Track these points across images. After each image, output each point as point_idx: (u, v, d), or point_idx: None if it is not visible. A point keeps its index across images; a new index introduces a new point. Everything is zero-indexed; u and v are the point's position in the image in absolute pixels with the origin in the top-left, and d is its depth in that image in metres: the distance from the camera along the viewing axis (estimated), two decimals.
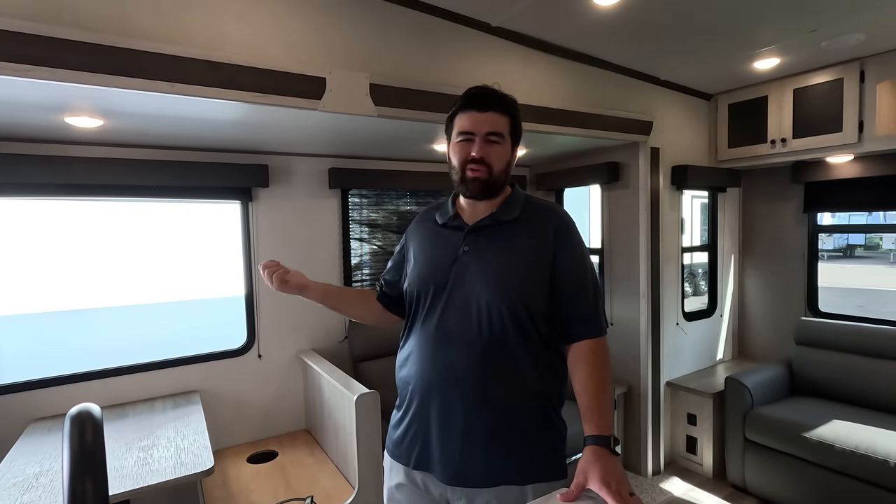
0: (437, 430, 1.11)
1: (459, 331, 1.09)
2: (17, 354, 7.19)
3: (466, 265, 1.12)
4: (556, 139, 2.58)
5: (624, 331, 2.93)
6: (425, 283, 1.16)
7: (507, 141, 1.15)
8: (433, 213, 1.29)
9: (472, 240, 1.15)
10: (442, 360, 1.10)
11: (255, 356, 2.56)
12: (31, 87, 1.40)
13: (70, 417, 0.60)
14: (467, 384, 1.07)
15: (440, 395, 1.10)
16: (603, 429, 1.00)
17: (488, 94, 1.15)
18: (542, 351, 1.11)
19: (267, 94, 1.62)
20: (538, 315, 1.10)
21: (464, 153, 1.13)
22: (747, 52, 2.35)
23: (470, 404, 1.08)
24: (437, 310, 1.13)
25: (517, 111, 1.18)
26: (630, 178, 2.86)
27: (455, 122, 1.17)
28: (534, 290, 1.09)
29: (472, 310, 1.09)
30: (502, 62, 2.19)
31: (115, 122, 1.84)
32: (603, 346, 1.11)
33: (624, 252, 2.93)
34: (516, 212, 1.16)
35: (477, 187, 1.14)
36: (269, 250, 2.57)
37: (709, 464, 2.84)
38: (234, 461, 2.32)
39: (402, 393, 1.21)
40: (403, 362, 1.20)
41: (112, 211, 7.05)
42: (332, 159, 2.72)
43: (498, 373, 1.08)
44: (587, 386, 1.05)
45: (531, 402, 1.10)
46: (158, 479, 1.59)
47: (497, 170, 1.14)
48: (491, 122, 1.12)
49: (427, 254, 1.21)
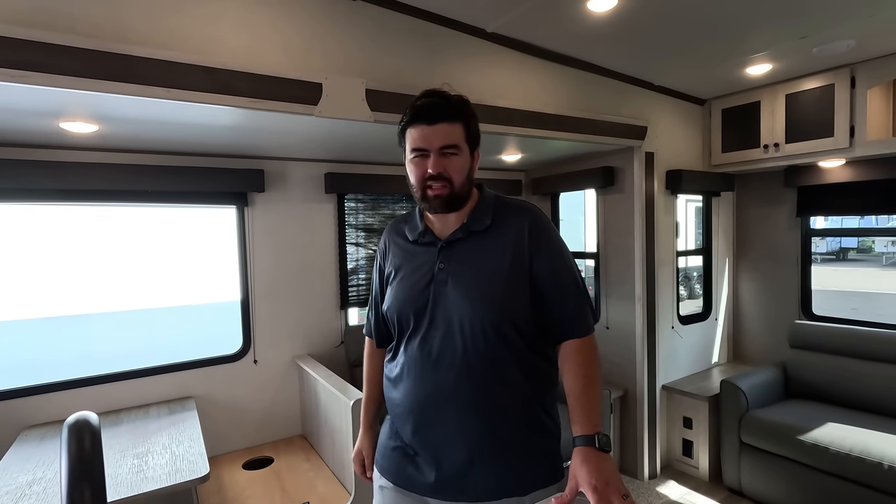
0: (430, 452, 1.09)
1: (444, 352, 1.07)
2: (9, 361, 7.11)
3: (444, 283, 1.09)
4: (552, 144, 2.60)
5: (620, 334, 2.94)
6: (404, 308, 1.13)
7: (463, 149, 1.10)
8: (402, 226, 1.23)
9: (446, 255, 1.12)
10: (430, 381, 1.08)
11: (251, 361, 2.55)
12: (26, 93, 1.39)
13: (68, 425, 0.60)
14: (457, 403, 1.06)
15: (432, 416, 1.08)
16: (587, 428, 0.99)
17: (436, 104, 1.08)
18: (530, 357, 1.09)
19: (263, 99, 1.62)
20: (522, 323, 1.08)
21: (420, 170, 1.09)
22: (740, 57, 2.38)
23: (461, 423, 1.06)
24: (420, 332, 1.10)
25: (470, 113, 1.12)
26: (625, 183, 2.87)
27: (406, 138, 1.11)
28: (515, 300, 1.07)
29: (454, 329, 1.06)
30: (497, 68, 2.21)
31: (111, 128, 1.84)
32: (589, 345, 1.10)
33: (619, 256, 2.94)
34: (488, 219, 1.13)
35: (440, 204, 1.09)
36: (265, 255, 2.57)
37: (705, 467, 2.84)
38: (229, 467, 2.31)
39: (392, 412, 1.19)
40: (393, 384, 1.17)
41: (107, 216, 7.01)
42: (328, 164, 2.72)
43: (487, 388, 1.06)
44: (574, 386, 1.05)
45: (523, 411, 1.08)
46: (153, 486, 1.58)
47: (458, 182, 1.09)
48: (443, 134, 1.07)
49: (402, 274, 1.17)
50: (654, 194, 2.82)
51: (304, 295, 2.69)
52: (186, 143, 2.15)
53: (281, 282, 2.63)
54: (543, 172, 3.38)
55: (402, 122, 1.13)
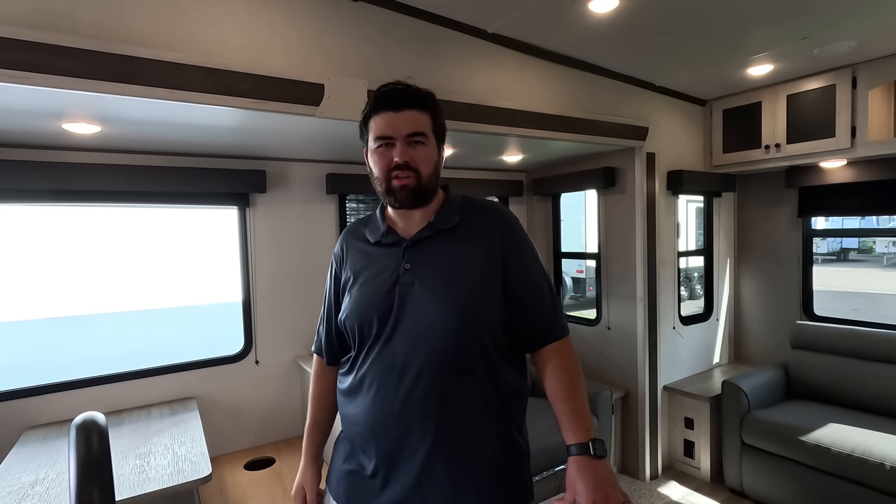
0: (392, 473, 0.99)
1: (411, 361, 0.97)
2: (12, 361, 7.12)
3: (410, 285, 1.01)
4: (553, 145, 2.60)
5: (621, 335, 2.94)
6: (366, 314, 1.02)
7: (431, 140, 1.04)
8: (361, 229, 1.15)
9: (412, 255, 1.03)
10: (394, 396, 0.97)
11: (253, 362, 2.55)
12: (29, 94, 1.40)
13: (76, 426, 0.60)
14: (424, 420, 0.96)
15: (396, 433, 0.98)
16: (582, 435, 0.95)
17: (403, 90, 1.03)
18: (502, 367, 1.02)
19: (265, 100, 1.62)
20: (496, 327, 1.01)
21: (385, 160, 1.01)
22: (741, 58, 2.38)
23: (429, 444, 0.96)
24: (383, 340, 1.00)
25: (437, 107, 1.08)
26: (626, 183, 2.87)
27: (370, 126, 1.04)
28: (489, 303, 1.00)
29: (423, 336, 0.97)
30: (498, 68, 2.21)
31: (113, 129, 1.84)
32: (568, 347, 1.06)
33: (620, 256, 2.94)
34: (456, 217, 1.06)
35: (406, 196, 1.01)
36: (267, 256, 2.57)
37: (706, 468, 2.84)
38: (231, 468, 2.31)
39: (348, 430, 1.08)
40: (348, 398, 1.07)
41: (109, 217, 7.02)
42: (329, 165, 2.72)
43: (458, 403, 0.97)
44: (559, 391, 1.01)
45: (495, 429, 1.01)
46: (156, 486, 1.58)
47: (425, 173, 1.02)
48: (411, 121, 1.01)
49: (363, 279, 1.07)
50: (656, 195, 2.83)
51: (305, 295, 2.69)
52: (188, 143, 2.15)
53: (282, 282, 2.63)
54: (545, 173, 3.38)
55: (364, 111, 1.07)
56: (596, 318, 3.13)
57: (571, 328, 1.11)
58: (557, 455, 2.45)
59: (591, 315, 3.20)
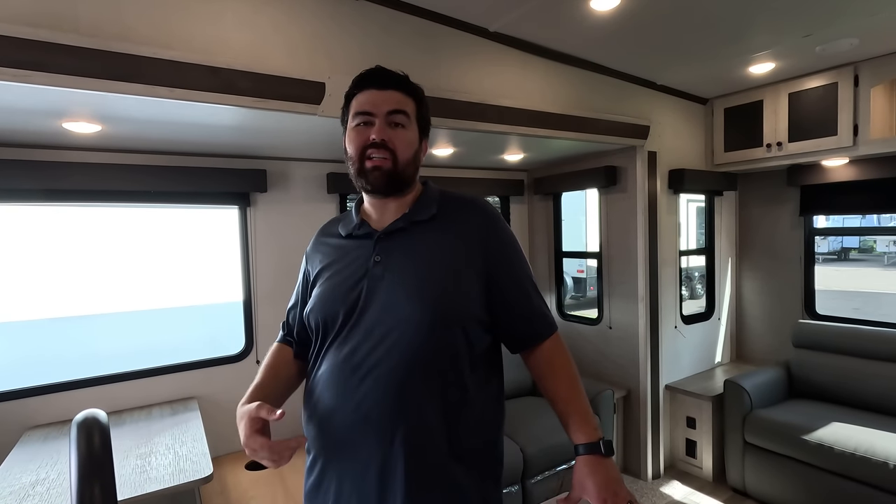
0: (337, 486, 0.92)
1: (374, 361, 0.89)
2: (12, 362, 7.12)
3: (379, 278, 0.94)
4: (554, 143, 2.59)
5: (623, 335, 2.94)
6: (332, 307, 0.95)
7: (412, 125, 0.99)
8: (334, 226, 1.09)
9: (383, 247, 0.97)
10: (351, 399, 0.89)
11: (254, 362, 2.55)
12: (29, 93, 1.39)
13: (77, 423, 0.60)
14: (379, 426, 0.88)
15: (344, 440, 0.91)
16: (591, 434, 0.93)
17: (388, 72, 1.00)
18: (479, 372, 0.96)
19: (267, 98, 1.62)
20: (473, 329, 0.94)
21: (362, 138, 0.95)
22: (743, 56, 2.37)
23: (380, 451, 0.88)
24: (346, 337, 0.93)
25: (423, 97, 1.03)
26: (627, 182, 2.87)
27: (351, 105, 1.00)
28: (465, 301, 0.94)
29: (390, 332, 0.90)
30: (500, 67, 2.20)
31: (114, 128, 1.83)
32: (560, 343, 1.01)
33: (622, 256, 2.94)
34: (433, 209, 1.00)
35: (379, 178, 0.95)
36: (267, 255, 2.56)
37: (708, 467, 2.84)
38: (232, 468, 2.30)
39: (309, 435, 0.99)
40: (308, 398, 1.00)
41: (111, 217, 7.03)
42: (330, 164, 2.72)
43: (420, 409, 0.89)
44: (560, 390, 0.97)
45: (465, 442, 0.92)
46: (157, 486, 1.57)
47: (403, 158, 0.96)
48: (394, 100, 0.96)
49: (331, 272, 1.00)
50: (657, 194, 2.82)
51: None
52: (189, 143, 2.15)
53: (283, 282, 2.62)
54: (545, 172, 3.37)
55: (347, 91, 1.02)
56: (597, 318, 3.12)
57: (573, 328, 1.10)
58: (558, 455, 2.45)
59: (593, 314, 3.19)
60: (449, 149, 2.56)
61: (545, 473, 2.42)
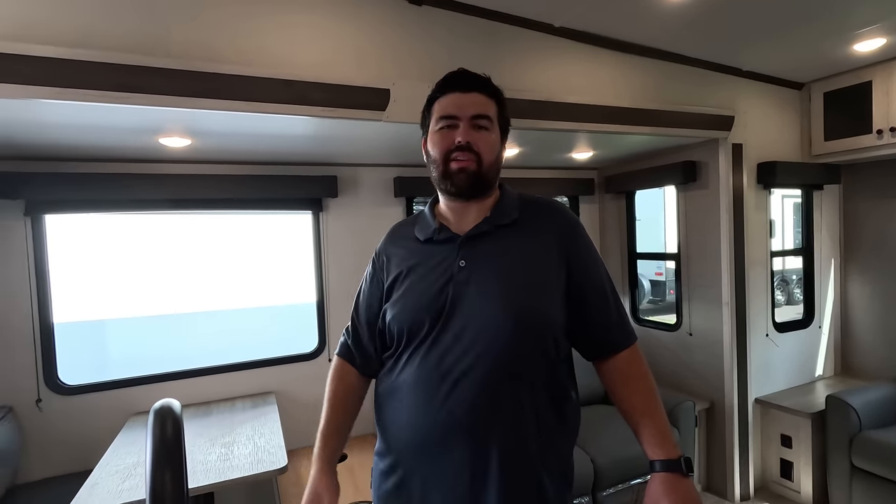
0: (427, 490, 0.92)
1: (464, 368, 0.88)
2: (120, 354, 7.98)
3: (465, 283, 0.93)
4: (627, 140, 2.47)
5: (704, 342, 2.73)
6: (417, 314, 0.94)
7: (495, 128, 0.99)
8: (408, 228, 1.08)
9: (467, 252, 0.96)
10: (442, 406, 0.89)
11: (327, 360, 2.65)
12: (130, 113, 1.55)
13: (153, 411, 0.65)
14: (475, 436, 0.88)
15: (435, 447, 0.90)
16: (670, 451, 0.89)
17: (470, 75, 1.00)
18: (562, 381, 0.96)
19: (335, 107, 1.69)
20: (557, 332, 0.94)
21: (447, 141, 0.96)
22: (845, 33, 2.12)
23: (479, 462, 0.88)
24: (433, 343, 0.92)
25: (504, 98, 1.04)
26: (709, 178, 2.66)
27: (434, 109, 1.00)
28: (551, 306, 0.93)
29: (478, 338, 0.89)
30: (566, 62, 2.13)
31: (201, 141, 2.00)
32: (638, 355, 0.99)
33: (704, 257, 2.73)
34: (514, 213, 0.99)
35: (464, 181, 0.95)
36: (339, 258, 2.67)
37: (808, 491, 2.55)
38: (307, 461, 2.41)
39: (385, 440, 1.00)
40: (386, 401, 1.00)
41: (197, 223, 7.73)
42: (397, 168, 2.78)
43: (510, 415, 0.89)
44: (636, 404, 0.94)
45: (548, 448, 0.92)
46: (238, 474, 1.69)
47: (487, 161, 0.96)
48: (477, 103, 0.97)
49: (413, 278, 0.99)
50: (744, 189, 2.59)
51: None
52: (267, 153, 2.29)
53: (354, 283, 2.68)
54: (617, 170, 3.22)
55: (429, 95, 1.03)
56: (676, 323, 2.92)
57: (649, 334, 1.05)
58: (631, 468, 2.32)
59: (672, 320, 3.00)
60: (514, 149, 2.52)
61: (617, 486, 2.30)
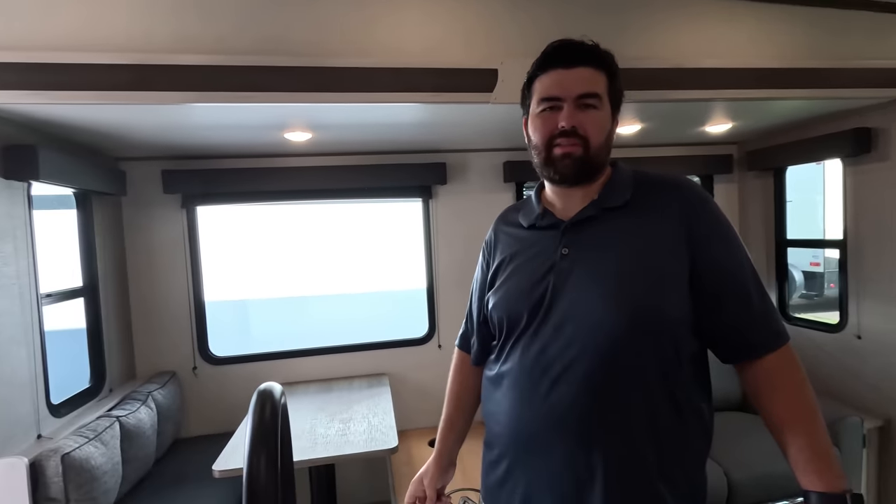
0: (525, 489, 0.88)
1: (566, 363, 0.83)
2: (260, 331, 9.06)
3: (567, 272, 0.86)
4: (777, 106, 2.11)
5: (879, 347, 2.25)
6: (516, 305, 0.90)
7: (605, 105, 0.88)
8: (514, 214, 1.03)
9: (571, 239, 0.89)
10: (544, 402, 0.84)
11: (436, 346, 2.70)
12: (257, 111, 1.68)
13: (257, 392, 0.68)
14: (577, 435, 0.82)
15: (534, 445, 0.86)
16: (831, 482, 0.74)
17: (575, 45, 0.89)
18: (682, 382, 0.83)
19: (443, 92, 1.67)
20: (679, 329, 0.83)
21: (549, 126, 0.87)
22: None
23: (572, 457, 0.83)
24: (534, 335, 0.87)
25: (616, 67, 0.91)
26: (890, 148, 2.17)
27: (534, 88, 0.91)
28: (668, 295, 0.82)
29: (581, 333, 0.83)
30: (701, 22, 1.87)
31: (321, 135, 2.12)
32: (792, 359, 0.82)
33: (881, 245, 2.24)
34: (626, 193, 0.89)
35: (569, 167, 0.86)
36: (448, 245, 2.69)
37: None
38: (417, 443, 2.49)
39: (491, 431, 0.97)
40: (490, 391, 0.97)
41: (316, 213, 8.48)
42: (506, 153, 2.70)
43: (622, 420, 0.81)
44: (787, 420, 0.79)
45: (673, 460, 0.82)
46: (353, 450, 1.81)
47: (595, 143, 0.86)
48: (583, 80, 0.86)
49: (514, 266, 0.95)
50: None
51: None
52: (378, 142, 2.36)
53: (464, 270, 2.71)
54: (763, 143, 2.78)
55: (529, 72, 0.94)
56: (839, 323, 2.46)
57: (801, 334, 0.87)
58: (775, 487, 2.02)
59: (832, 319, 2.53)
60: (636, 125, 2.30)
61: None
